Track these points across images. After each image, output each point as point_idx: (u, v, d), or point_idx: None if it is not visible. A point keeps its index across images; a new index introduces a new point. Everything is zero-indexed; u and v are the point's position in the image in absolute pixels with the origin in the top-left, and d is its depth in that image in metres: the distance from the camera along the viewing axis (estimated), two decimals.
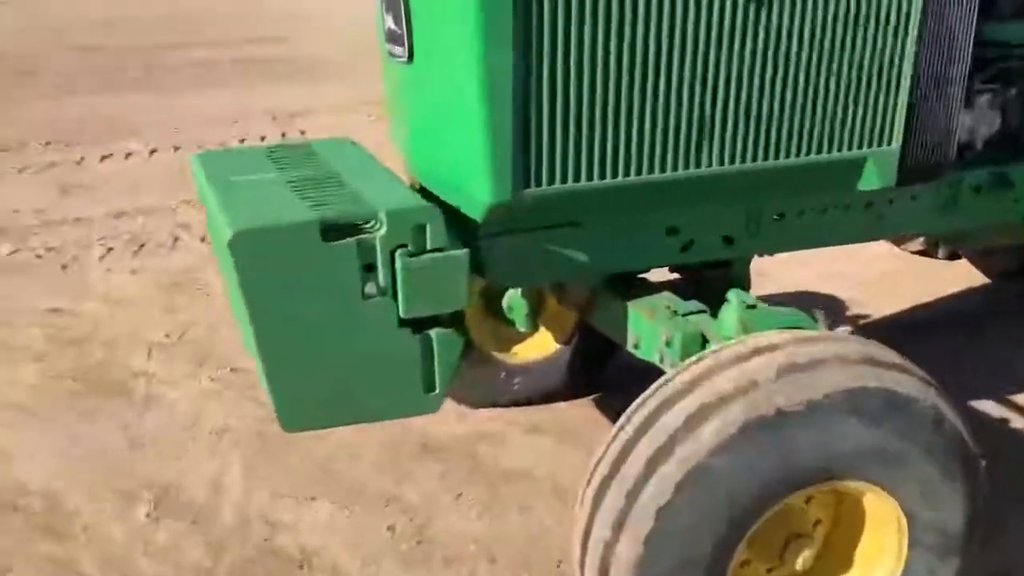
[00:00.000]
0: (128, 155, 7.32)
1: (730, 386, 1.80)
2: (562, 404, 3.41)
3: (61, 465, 3.10)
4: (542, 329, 3.33)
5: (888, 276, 4.58)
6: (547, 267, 2.24)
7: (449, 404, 3.32)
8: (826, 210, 2.48)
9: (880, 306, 4.33)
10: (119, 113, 8.83)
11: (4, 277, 4.79)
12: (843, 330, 2.25)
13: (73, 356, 3.87)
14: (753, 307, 2.18)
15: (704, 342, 2.22)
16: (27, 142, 7.75)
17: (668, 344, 2.23)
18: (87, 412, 3.44)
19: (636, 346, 2.37)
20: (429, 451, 3.14)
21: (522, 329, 3.27)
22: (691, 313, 2.31)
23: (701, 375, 1.86)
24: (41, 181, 6.73)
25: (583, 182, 2.05)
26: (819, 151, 2.24)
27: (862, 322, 4.20)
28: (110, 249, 5.18)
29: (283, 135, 8.00)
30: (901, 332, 4.11)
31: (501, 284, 2.80)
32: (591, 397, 3.44)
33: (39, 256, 5.10)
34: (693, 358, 1.95)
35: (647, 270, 2.59)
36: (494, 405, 3.37)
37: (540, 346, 3.36)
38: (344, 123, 8.09)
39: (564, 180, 2.03)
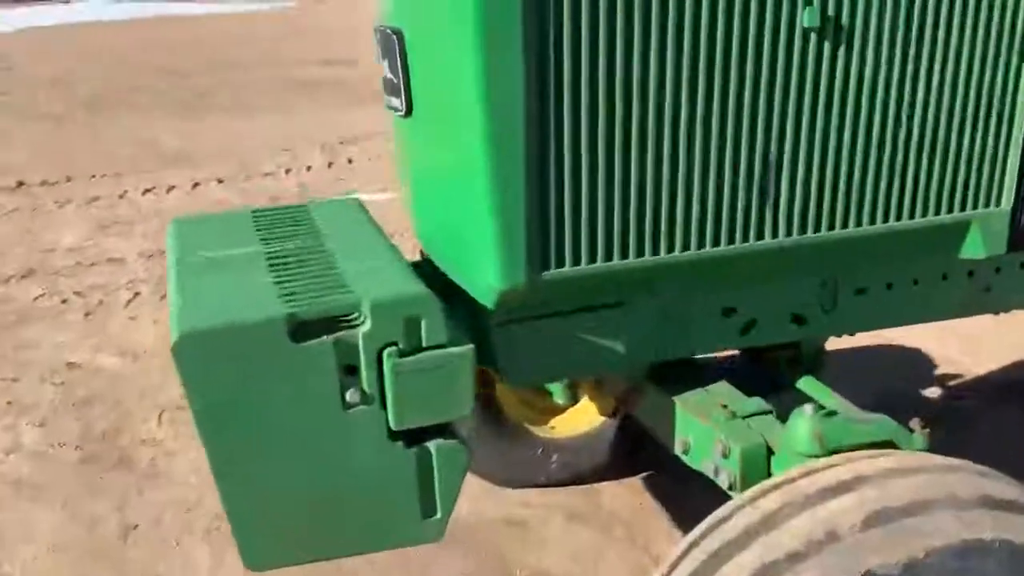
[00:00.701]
0: (170, 189, 7.14)
1: (803, 536, 1.39)
2: (606, 485, 3.00)
3: (51, 554, 2.80)
4: (583, 400, 2.93)
5: (980, 326, 4.06)
6: (575, 360, 1.84)
7: (478, 482, 2.94)
8: (918, 282, 2.05)
9: (971, 362, 3.83)
10: (171, 141, 8.71)
11: (26, 326, 4.57)
12: (931, 393, 1.80)
13: (81, 419, 3.59)
14: (832, 413, 1.76)
15: (769, 454, 1.81)
16: (73, 175, 7.64)
17: (725, 456, 1.81)
18: (88, 486, 3.15)
19: (685, 452, 1.96)
20: (453, 541, 2.75)
21: (560, 401, 2.89)
22: (753, 415, 1.89)
23: (766, 518, 1.45)
24: (82, 216, 6.58)
25: (616, 261, 1.66)
26: (911, 216, 1.82)
27: (950, 382, 3.71)
28: (137, 294, 4.93)
29: (329, 165, 7.76)
30: (995, 393, 3.62)
31: (518, 383, 2.40)
32: (639, 476, 3.03)
33: (64, 301, 4.87)
34: (756, 489, 1.54)
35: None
36: (529, 485, 2.98)
37: (581, 419, 2.95)
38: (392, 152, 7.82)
39: (592, 259, 1.65)
